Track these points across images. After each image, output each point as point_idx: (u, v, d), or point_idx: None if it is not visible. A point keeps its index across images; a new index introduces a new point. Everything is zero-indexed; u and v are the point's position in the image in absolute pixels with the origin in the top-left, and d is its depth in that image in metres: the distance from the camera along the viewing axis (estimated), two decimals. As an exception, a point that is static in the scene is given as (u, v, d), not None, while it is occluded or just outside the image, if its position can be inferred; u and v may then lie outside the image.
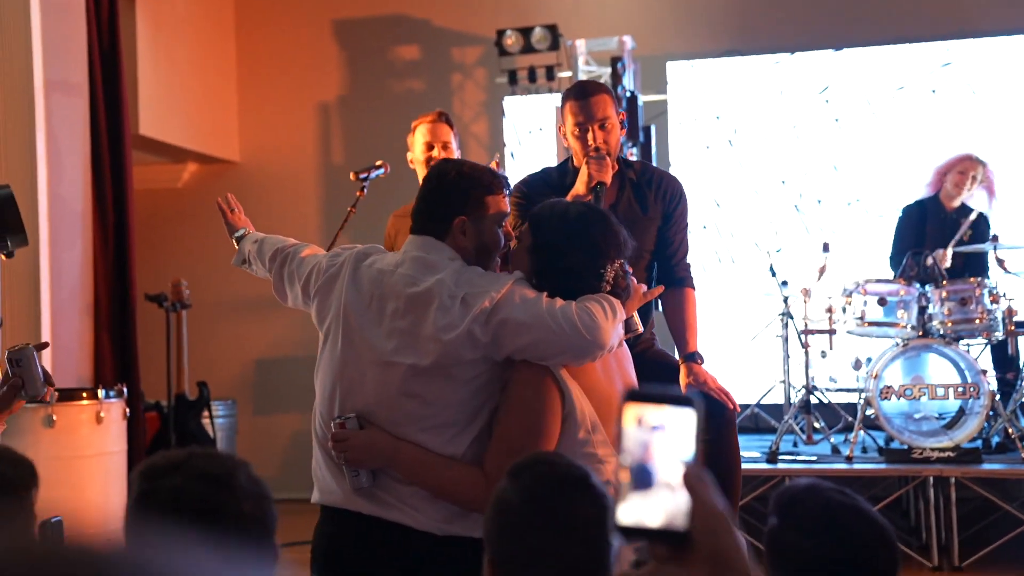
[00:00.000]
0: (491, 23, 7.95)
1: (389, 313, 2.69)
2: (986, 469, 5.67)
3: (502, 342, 2.61)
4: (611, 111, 3.55)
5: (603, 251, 2.69)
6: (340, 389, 2.72)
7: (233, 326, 8.32)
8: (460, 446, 2.65)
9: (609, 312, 2.63)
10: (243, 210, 3.53)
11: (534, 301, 2.62)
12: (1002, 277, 6.02)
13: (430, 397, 2.64)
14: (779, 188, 7.65)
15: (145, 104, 7.19)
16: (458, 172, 2.79)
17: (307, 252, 3.00)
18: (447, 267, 2.69)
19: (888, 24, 7.66)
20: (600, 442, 2.61)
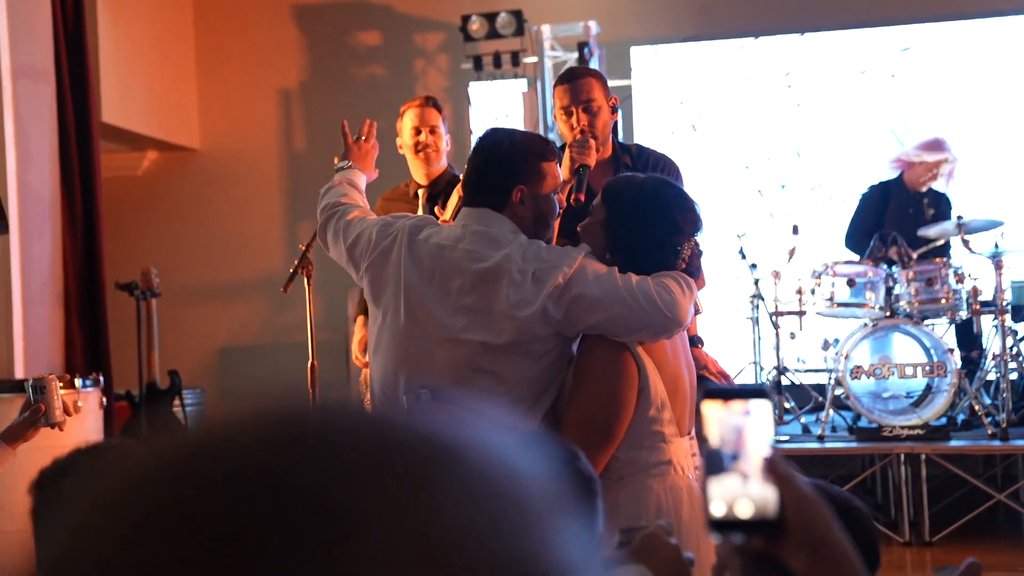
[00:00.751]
0: (454, 9, 7.94)
1: (455, 289, 2.64)
2: (954, 446, 5.79)
3: (576, 318, 2.58)
4: (597, 94, 3.51)
5: (679, 227, 2.64)
6: (406, 366, 2.67)
7: (198, 314, 8.25)
8: (533, 421, 2.61)
9: (686, 289, 2.60)
10: (372, 140, 3.32)
11: (608, 276, 2.58)
12: (966, 257, 6.14)
13: (503, 373, 2.61)
14: (743, 173, 7.73)
15: (105, 91, 7.09)
16: (511, 140, 2.74)
17: (354, 215, 2.92)
18: (512, 241, 2.64)
19: (849, 9, 7.75)
20: (667, 420, 2.59)
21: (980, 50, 7.51)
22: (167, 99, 8.17)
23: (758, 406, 1.18)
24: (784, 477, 1.16)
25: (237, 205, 8.46)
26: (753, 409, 1.18)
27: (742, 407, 1.18)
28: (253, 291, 8.29)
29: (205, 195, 8.49)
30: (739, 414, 1.18)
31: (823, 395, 6.22)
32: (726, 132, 7.77)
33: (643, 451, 2.57)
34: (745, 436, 1.17)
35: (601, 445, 2.54)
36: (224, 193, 8.47)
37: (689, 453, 2.66)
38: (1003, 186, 7.34)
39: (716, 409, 1.18)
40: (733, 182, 7.73)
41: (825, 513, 1.19)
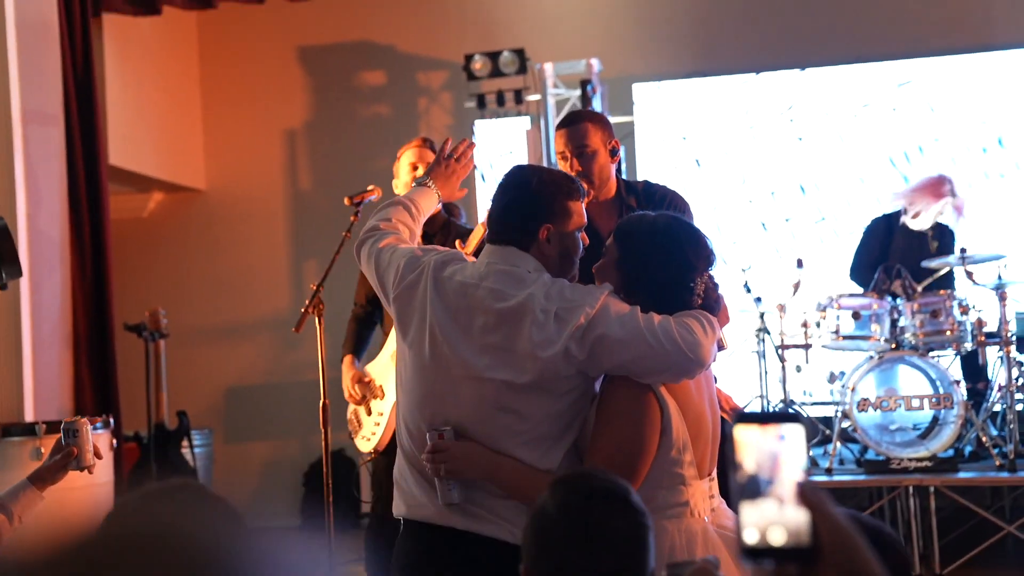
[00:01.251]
0: (457, 48, 8.02)
1: (478, 328, 2.65)
2: (963, 477, 5.79)
3: (599, 359, 2.57)
4: (593, 138, 3.52)
5: (692, 264, 2.63)
6: (431, 402, 2.68)
7: (203, 355, 8.27)
8: (555, 460, 2.61)
9: (708, 328, 2.58)
10: (467, 158, 3.23)
11: (630, 316, 2.57)
12: (970, 289, 6.16)
13: (526, 411, 2.60)
14: (747, 207, 7.77)
15: (112, 133, 7.15)
16: (539, 179, 2.74)
17: (387, 242, 2.91)
18: (535, 280, 2.64)
19: (849, 44, 7.82)
20: (687, 463, 2.58)
21: (979, 83, 7.57)
22: (173, 141, 8.23)
23: (792, 431, 1.18)
24: (818, 504, 1.16)
25: (243, 245, 8.51)
26: (787, 435, 1.18)
27: (776, 432, 1.19)
28: (260, 330, 8.32)
29: (211, 235, 8.54)
30: (774, 440, 1.18)
31: (830, 428, 6.22)
32: (729, 167, 7.82)
33: (662, 491, 2.55)
34: (780, 463, 1.17)
35: None
36: (230, 233, 8.51)
37: (707, 495, 2.65)
38: (1005, 218, 7.38)
39: (750, 434, 1.19)
40: (737, 216, 7.77)
41: (860, 542, 1.19)
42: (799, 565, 1.17)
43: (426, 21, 8.34)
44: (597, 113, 3.78)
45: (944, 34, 7.73)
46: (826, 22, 7.92)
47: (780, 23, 7.95)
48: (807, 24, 7.93)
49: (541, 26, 8.11)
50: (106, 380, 6.21)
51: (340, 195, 4.89)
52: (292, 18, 8.31)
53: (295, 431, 8.12)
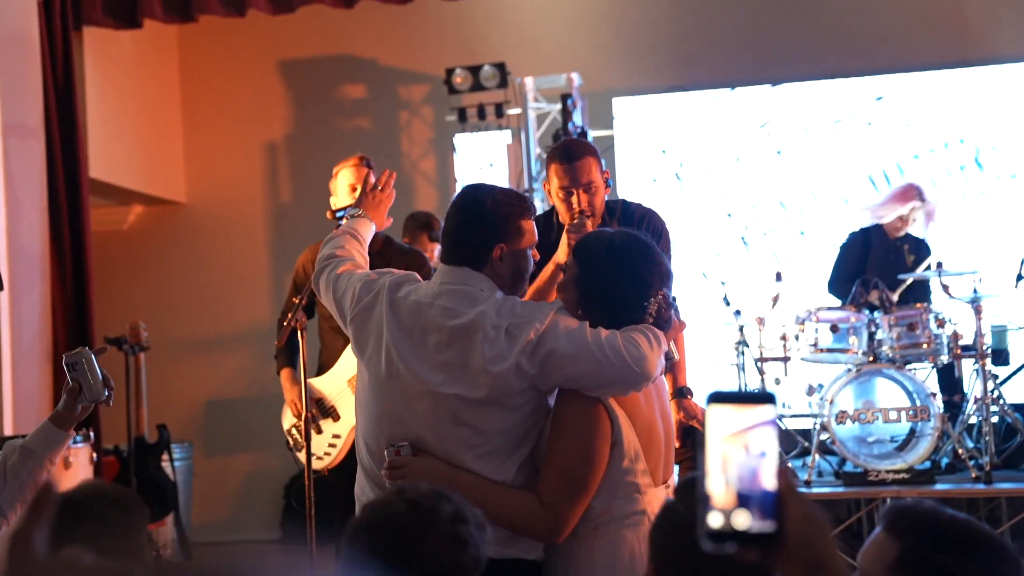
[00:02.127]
0: (437, 62, 8.05)
1: (432, 345, 2.72)
2: (940, 489, 5.84)
3: (549, 373, 2.64)
4: (596, 174, 3.60)
5: (647, 282, 2.71)
6: (389, 419, 2.75)
7: (183, 368, 8.25)
8: (510, 472, 2.69)
9: (655, 343, 2.66)
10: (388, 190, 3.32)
11: (579, 332, 2.65)
12: (946, 302, 6.22)
13: (481, 426, 2.68)
14: (725, 220, 7.83)
15: (92, 146, 7.13)
16: (492, 199, 2.80)
17: (344, 268, 2.99)
18: (487, 298, 2.72)
19: (824, 60, 7.89)
20: (641, 471, 2.65)
21: (954, 99, 7.65)
22: (154, 153, 8.23)
23: (764, 413, 1.17)
24: (789, 489, 1.15)
25: (224, 258, 8.50)
26: (760, 416, 1.17)
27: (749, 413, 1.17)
28: (240, 344, 8.31)
29: (192, 248, 8.53)
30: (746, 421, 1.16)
31: (809, 440, 6.26)
32: (708, 180, 7.87)
33: (617, 501, 2.64)
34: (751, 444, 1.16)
35: (576, 497, 2.61)
36: (211, 246, 8.51)
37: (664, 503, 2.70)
38: (979, 231, 7.45)
39: (722, 413, 1.18)
40: (716, 230, 7.82)
41: (828, 534, 1.18)
42: (762, 550, 1.16)
43: (407, 35, 8.37)
44: (591, 145, 3.82)
45: (919, 50, 7.81)
46: (803, 38, 7.99)
47: (759, 38, 8.01)
48: (785, 39, 8.00)
49: (522, 40, 8.15)
50: (86, 393, 6.18)
51: (321, 208, 4.90)
52: (273, 31, 8.32)
53: (276, 444, 8.04)
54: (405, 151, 8.48)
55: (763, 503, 1.15)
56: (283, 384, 4.84)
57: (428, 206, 7.63)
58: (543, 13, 8.18)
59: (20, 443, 2.77)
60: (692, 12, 8.11)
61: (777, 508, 1.15)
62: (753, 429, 1.16)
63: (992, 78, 7.62)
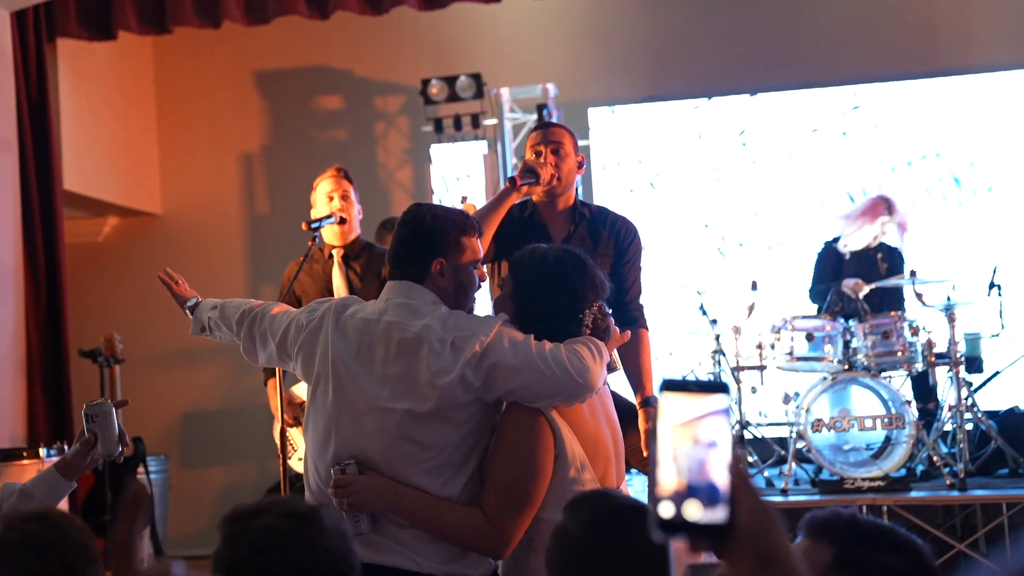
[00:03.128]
0: (414, 73, 8.05)
1: (379, 359, 2.73)
2: (915, 496, 5.87)
3: (493, 385, 2.67)
4: (567, 142, 3.71)
5: (581, 295, 2.77)
6: (336, 437, 2.75)
7: (159, 380, 8.21)
8: (456, 487, 2.71)
9: (596, 354, 2.71)
10: (184, 282, 3.50)
11: (523, 344, 2.68)
12: (920, 310, 6.27)
13: (427, 440, 2.69)
14: (701, 230, 7.86)
15: (67, 157, 7.10)
16: (432, 215, 2.86)
17: (277, 310, 3.02)
18: (432, 312, 2.75)
19: (800, 69, 7.94)
20: (589, 480, 2.68)
21: (927, 109, 7.71)
22: (129, 165, 8.19)
23: (716, 401, 1.15)
24: (741, 480, 1.14)
25: (199, 269, 8.45)
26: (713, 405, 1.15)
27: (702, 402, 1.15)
28: (216, 356, 8.27)
29: (167, 260, 8.38)
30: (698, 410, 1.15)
31: (785, 448, 6.29)
32: (684, 190, 7.90)
33: None
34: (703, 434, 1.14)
35: (521, 509, 2.64)
36: (186, 258, 8.46)
37: None
38: (953, 240, 7.51)
39: (674, 402, 1.16)
40: (692, 239, 7.85)
41: (779, 526, 1.17)
42: (713, 541, 1.14)
43: (383, 46, 8.37)
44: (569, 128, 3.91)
45: (894, 60, 7.87)
46: (777, 48, 8.04)
47: (732, 49, 8.05)
48: (759, 49, 8.04)
49: (497, 51, 8.17)
50: (60, 406, 6.16)
51: (297, 219, 4.91)
52: (249, 42, 8.31)
53: (252, 456, 8.07)
54: (381, 161, 8.48)
55: (713, 493, 1.13)
56: (268, 393, 4.86)
57: (405, 217, 7.63)
58: (519, 24, 8.20)
59: (20, 487, 2.72)
60: (668, 22, 8.15)
61: (728, 499, 1.13)
62: (704, 418, 1.15)
63: (967, 88, 7.68)
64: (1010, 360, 6.65)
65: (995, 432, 6.14)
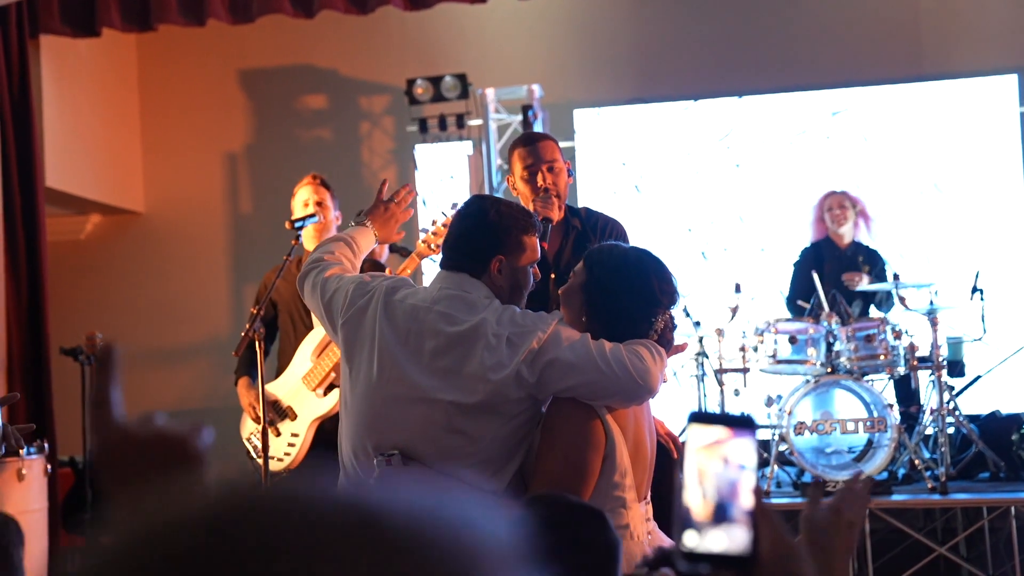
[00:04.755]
0: (399, 72, 8.04)
1: (428, 350, 2.69)
2: (897, 500, 5.89)
3: (549, 382, 2.62)
4: (558, 155, 3.64)
5: (656, 299, 2.71)
6: (379, 424, 2.71)
7: (141, 379, 8.17)
8: (503, 481, 2.67)
9: (658, 358, 2.66)
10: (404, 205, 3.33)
11: (582, 342, 2.64)
12: (903, 314, 6.28)
13: (475, 433, 2.65)
14: (685, 231, 7.86)
15: (49, 154, 7.06)
16: (497, 211, 2.80)
17: (333, 271, 2.97)
18: (487, 306, 2.71)
19: (785, 73, 7.96)
20: (628, 486, 2.63)
21: (911, 112, 7.73)
22: (112, 163, 8.15)
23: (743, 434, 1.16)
24: (765, 513, 1.14)
25: (182, 268, 8.44)
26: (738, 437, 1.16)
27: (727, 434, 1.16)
28: (198, 355, 8.25)
29: (150, 258, 8.45)
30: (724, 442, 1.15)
31: (768, 451, 6.30)
32: (668, 192, 7.91)
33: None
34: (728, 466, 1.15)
35: None
36: (169, 256, 8.44)
37: (644, 518, 2.70)
38: (935, 244, 7.54)
39: (701, 433, 1.17)
40: (676, 241, 7.85)
41: (801, 558, 1.18)
42: (736, 572, 1.15)
43: (368, 45, 8.36)
44: (551, 135, 3.86)
45: (878, 64, 7.89)
46: (763, 50, 8.05)
47: (718, 51, 8.07)
48: (745, 52, 8.05)
49: (483, 52, 8.16)
50: (41, 404, 6.12)
51: (281, 218, 4.89)
52: (233, 41, 8.28)
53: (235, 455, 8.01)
54: (366, 161, 8.46)
55: (738, 523, 1.14)
56: (239, 391, 4.85)
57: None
58: (504, 24, 8.19)
59: None
60: (654, 25, 8.16)
61: (752, 530, 1.14)
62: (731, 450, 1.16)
63: (951, 92, 7.71)
64: (992, 364, 6.68)
65: (976, 436, 6.16)
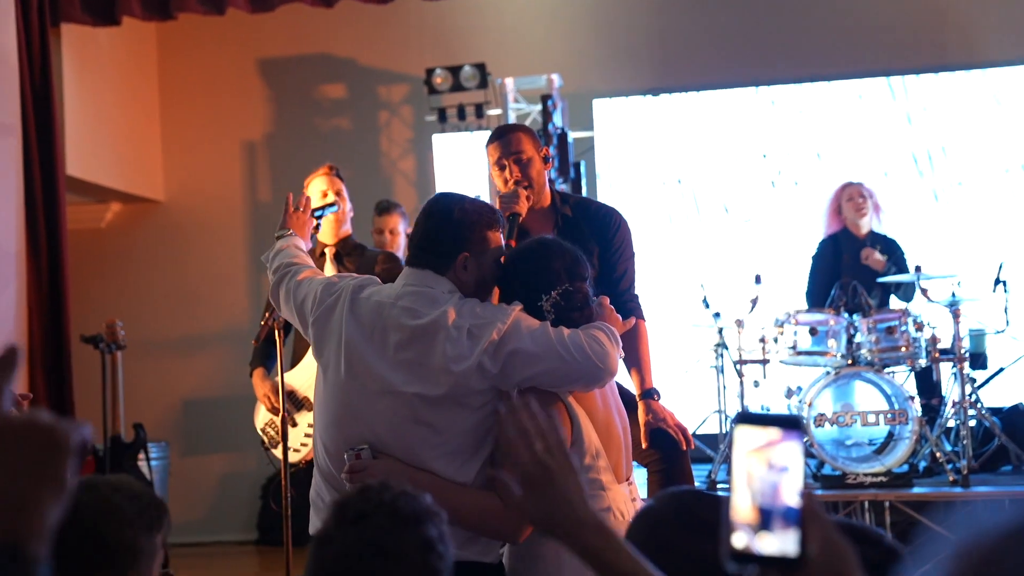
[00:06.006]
0: (417, 62, 8.03)
1: (392, 344, 2.73)
2: (917, 492, 5.86)
3: (512, 372, 2.67)
4: (527, 145, 3.61)
5: (533, 286, 2.78)
6: (347, 419, 2.76)
7: (160, 367, 8.20)
8: (470, 473, 2.70)
9: (613, 339, 2.73)
10: (309, 211, 3.60)
11: (541, 331, 2.69)
12: (924, 306, 6.24)
13: (441, 425, 2.69)
14: (705, 222, 7.83)
15: (70, 143, 7.08)
16: (462, 208, 2.83)
17: (304, 275, 3.03)
18: (448, 300, 2.74)
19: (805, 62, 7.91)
20: (603, 468, 2.68)
21: (935, 103, 7.67)
22: (132, 151, 8.17)
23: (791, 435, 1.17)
24: (814, 517, 1.15)
25: (201, 257, 8.45)
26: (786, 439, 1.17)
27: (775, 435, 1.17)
28: (217, 343, 8.26)
29: (169, 247, 8.47)
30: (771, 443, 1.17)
31: (787, 443, 6.26)
32: (688, 182, 7.88)
33: None
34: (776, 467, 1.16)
35: None
36: (189, 245, 8.46)
37: (629, 499, 2.76)
38: (958, 235, 7.48)
39: (748, 435, 1.18)
40: (696, 231, 7.82)
41: (852, 557, 1.18)
42: (785, 573, 1.16)
43: (387, 35, 8.34)
44: (524, 125, 3.84)
45: (902, 53, 7.83)
46: (785, 40, 8.00)
47: (739, 41, 8.02)
48: (766, 42, 8.01)
49: (502, 41, 8.14)
50: (62, 392, 6.14)
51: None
52: (253, 30, 8.28)
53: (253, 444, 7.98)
54: (384, 151, 8.45)
55: (786, 524, 1.15)
56: (254, 382, 4.86)
57: (407, 206, 7.58)
58: (524, 14, 8.17)
59: None
60: (673, 14, 8.12)
61: (800, 531, 1.15)
62: (777, 445, 1.18)
63: (976, 83, 7.65)
64: (1014, 357, 6.64)
65: (999, 429, 6.12)
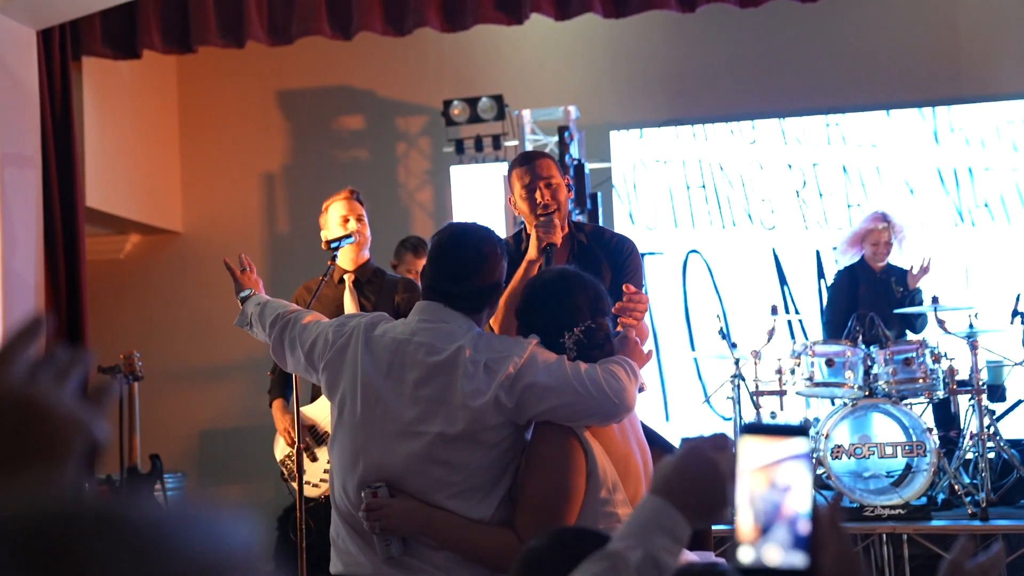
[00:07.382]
0: (435, 94, 8.08)
1: (411, 382, 2.71)
2: (936, 525, 5.81)
3: (527, 406, 2.66)
4: (555, 172, 3.65)
5: (555, 321, 2.77)
6: (364, 459, 2.73)
7: (177, 397, 8.23)
8: (488, 509, 2.68)
9: (631, 373, 2.71)
10: (254, 270, 3.57)
11: (557, 365, 2.67)
12: (941, 337, 6.21)
13: (458, 463, 2.67)
14: (721, 252, 7.83)
15: (89, 175, 7.14)
16: (480, 250, 2.84)
17: (309, 319, 3.02)
18: (464, 334, 2.74)
19: (820, 95, 7.92)
20: (620, 501, 2.66)
21: (951, 134, 7.66)
22: (151, 183, 8.23)
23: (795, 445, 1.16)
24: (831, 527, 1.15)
25: (219, 288, 8.41)
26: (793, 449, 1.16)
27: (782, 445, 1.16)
28: (234, 373, 8.29)
29: (188, 278, 8.52)
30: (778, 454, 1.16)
31: (804, 475, 6.23)
32: (704, 213, 7.88)
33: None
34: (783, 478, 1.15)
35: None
36: (207, 276, 8.48)
37: None
38: (975, 267, 7.46)
39: (754, 446, 1.17)
40: (712, 262, 7.81)
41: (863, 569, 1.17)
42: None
43: (405, 67, 8.40)
44: (548, 153, 3.87)
45: (916, 86, 7.83)
46: (799, 73, 8.02)
47: (755, 73, 8.04)
48: (781, 74, 8.02)
49: (519, 73, 8.18)
50: (79, 423, 6.15)
51: (317, 239, 4.92)
52: (271, 62, 8.36)
53: (269, 475, 8.05)
54: (402, 182, 8.49)
55: (793, 537, 1.14)
56: (275, 414, 4.86)
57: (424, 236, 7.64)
58: (541, 46, 8.21)
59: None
60: (689, 46, 8.15)
61: (810, 543, 1.14)
62: (783, 462, 1.16)
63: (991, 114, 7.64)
64: (1033, 389, 6.59)
65: (1018, 461, 6.08)
